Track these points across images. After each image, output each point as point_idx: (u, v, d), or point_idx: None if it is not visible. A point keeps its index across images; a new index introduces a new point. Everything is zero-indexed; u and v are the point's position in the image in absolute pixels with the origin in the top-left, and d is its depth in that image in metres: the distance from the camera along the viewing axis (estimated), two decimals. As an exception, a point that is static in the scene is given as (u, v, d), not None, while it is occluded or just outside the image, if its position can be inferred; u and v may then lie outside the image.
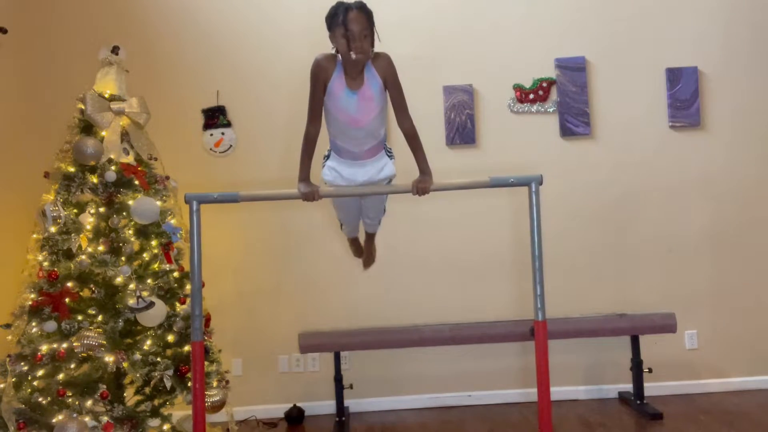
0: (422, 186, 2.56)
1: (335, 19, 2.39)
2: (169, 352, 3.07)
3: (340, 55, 2.44)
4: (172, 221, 3.23)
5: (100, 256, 3.00)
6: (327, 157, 2.70)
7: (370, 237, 3.15)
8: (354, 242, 3.22)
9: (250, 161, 4.15)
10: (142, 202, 3.10)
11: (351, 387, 3.97)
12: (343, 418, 3.89)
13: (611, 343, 4.12)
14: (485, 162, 4.13)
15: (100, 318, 3.00)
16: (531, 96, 4.19)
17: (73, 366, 2.92)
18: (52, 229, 2.97)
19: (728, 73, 4.21)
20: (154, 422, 3.00)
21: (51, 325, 2.87)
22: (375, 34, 2.42)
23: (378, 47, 2.48)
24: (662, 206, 4.19)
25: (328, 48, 2.51)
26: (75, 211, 3.06)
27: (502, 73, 4.19)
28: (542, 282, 2.57)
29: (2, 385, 2.82)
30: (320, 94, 2.49)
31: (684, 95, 4.17)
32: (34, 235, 3.05)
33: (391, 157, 2.72)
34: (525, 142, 4.17)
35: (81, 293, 3.01)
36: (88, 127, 3.14)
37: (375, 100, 2.48)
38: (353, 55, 2.35)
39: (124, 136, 3.23)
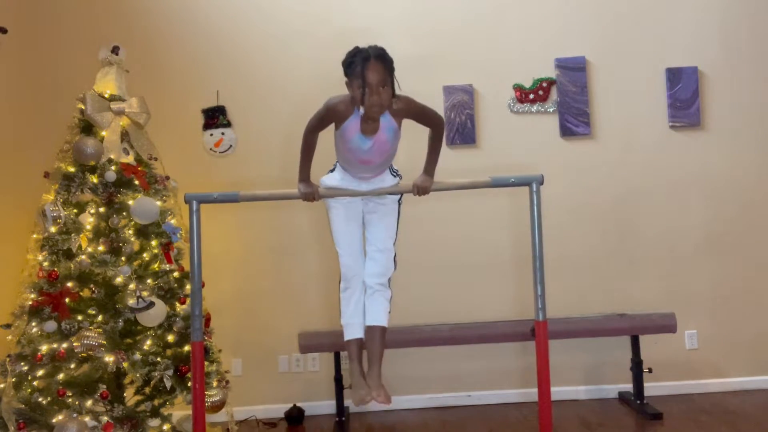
0: (423, 186, 2.55)
1: (352, 68, 2.27)
2: (169, 352, 3.07)
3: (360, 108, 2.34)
4: (172, 221, 3.23)
5: (100, 256, 3.00)
6: (332, 170, 2.66)
7: (380, 333, 2.57)
8: (356, 356, 2.62)
9: (250, 161, 4.15)
10: (142, 202, 3.10)
11: (351, 387, 3.96)
12: (343, 418, 3.89)
13: (611, 343, 4.12)
14: (485, 162, 4.13)
15: (100, 318, 3.00)
16: (531, 96, 4.19)
17: (73, 366, 2.92)
18: (52, 229, 2.98)
19: (728, 73, 4.21)
20: (154, 422, 3.00)
21: (51, 325, 2.88)
22: (395, 82, 2.30)
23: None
24: (662, 206, 4.19)
25: (328, 47, 2.51)
26: (75, 211, 3.07)
27: (502, 73, 4.19)
28: (543, 282, 2.57)
29: (2, 385, 2.82)
30: (327, 124, 2.45)
31: (684, 95, 4.17)
32: (34, 235, 3.05)
33: (395, 176, 2.67)
34: (525, 142, 4.17)
35: (81, 293, 3.01)
36: (88, 127, 3.14)
37: (389, 143, 2.45)
38: (370, 109, 2.28)
39: (124, 136, 3.23)
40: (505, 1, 4.22)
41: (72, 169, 3.06)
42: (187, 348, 3.06)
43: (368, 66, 2.21)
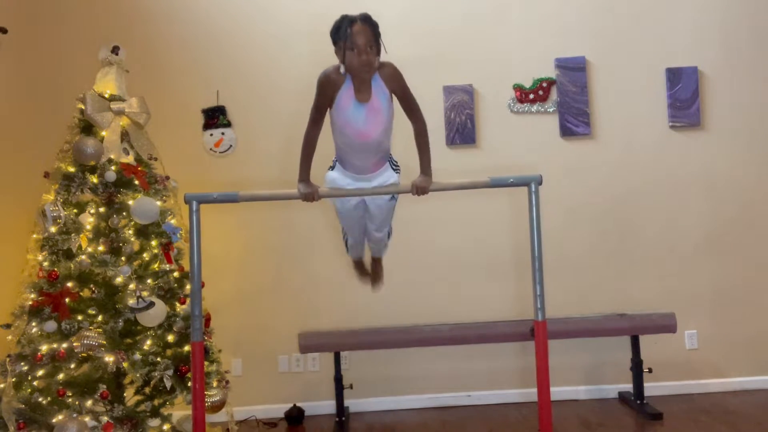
0: (422, 186, 2.55)
1: (339, 33, 2.35)
2: (169, 352, 3.08)
3: (348, 70, 2.39)
4: (172, 221, 3.23)
5: (100, 256, 3.00)
6: (332, 167, 2.66)
7: (377, 260, 3.11)
8: (358, 265, 3.16)
9: (250, 161, 4.15)
10: (142, 202, 3.10)
11: (351, 387, 3.98)
12: (343, 418, 3.89)
13: (611, 343, 4.12)
14: (485, 162, 4.13)
15: (100, 318, 3.00)
16: (531, 96, 4.19)
17: (73, 366, 2.92)
18: (52, 229, 2.98)
19: (728, 73, 4.21)
20: (154, 422, 3.00)
21: (51, 325, 2.88)
22: (381, 45, 2.39)
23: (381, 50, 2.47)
24: (662, 206, 4.19)
25: (328, 49, 2.50)
26: (75, 211, 3.07)
27: (502, 73, 4.19)
28: (542, 282, 2.57)
29: (2, 385, 2.82)
30: (325, 105, 2.47)
31: (684, 95, 4.17)
32: (34, 235, 3.05)
33: (396, 170, 2.67)
34: (525, 142, 4.17)
35: (81, 293, 3.01)
36: (88, 127, 3.14)
37: (383, 112, 2.45)
38: (360, 69, 2.33)
39: (124, 136, 3.23)
40: (505, 1, 4.22)
41: (72, 169, 3.06)
42: (187, 348, 3.06)
43: (354, 28, 2.31)
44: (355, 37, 2.31)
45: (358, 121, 2.42)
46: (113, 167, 3.08)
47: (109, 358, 2.88)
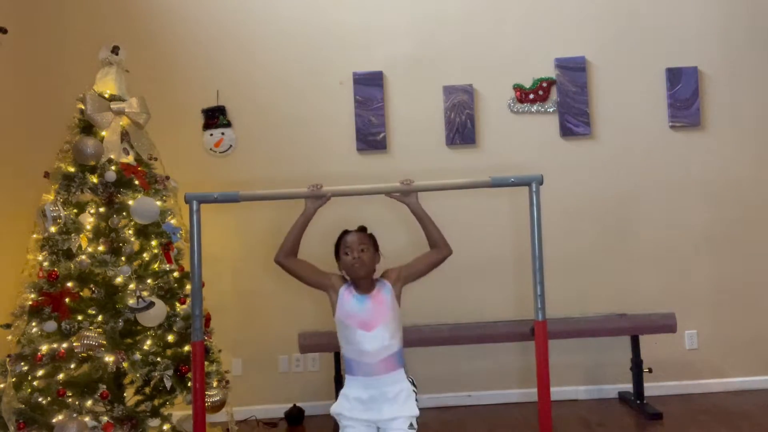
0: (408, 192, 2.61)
1: (338, 243, 2.48)
2: (169, 352, 3.07)
3: (346, 273, 2.45)
4: (172, 221, 3.23)
5: (100, 256, 3.00)
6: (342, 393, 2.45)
7: None
8: None
9: (250, 161, 4.15)
10: (142, 202, 3.10)
11: (351, 387, 3.97)
12: (343, 418, 3.89)
13: (611, 343, 4.12)
14: (485, 162, 4.13)
15: (100, 318, 2.99)
16: (531, 96, 4.19)
17: (73, 366, 2.92)
18: (52, 229, 2.97)
19: (728, 73, 4.21)
20: (154, 422, 3.00)
21: (51, 325, 2.87)
22: (378, 252, 2.49)
23: (379, 50, 2.45)
24: (662, 206, 4.19)
25: (327, 49, 2.50)
26: (75, 211, 3.06)
27: (502, 73, 4.19)
28: (542, 282, 2.57)
29: (2, 385, 2.82)
30: (317, 277, 2.53)
31: (684, 95, 4.17)
32: (34, 235, 3.05)
33: (414, 390, 2.50)
34: (525, 142, 4.17)
35: (81, 293, 3.01)
36: (88, 127, 3.14)
37: (387, 304, 2.41)
38: (352, 267, 2.38)
39: (124, 136, 3.23)
40: (505, 1, 4.22)
41: (72, 169, 3.05)
42: (187, 348, 3.06)
43: (347, 233, 2.47)
44: (347, 239, 2.44)
45: (360, 311, 2.38)
46: (113, 167, 3.08)
47: (109, 358, 2.87)
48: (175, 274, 3.20)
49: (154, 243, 3.18)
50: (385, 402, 2.38)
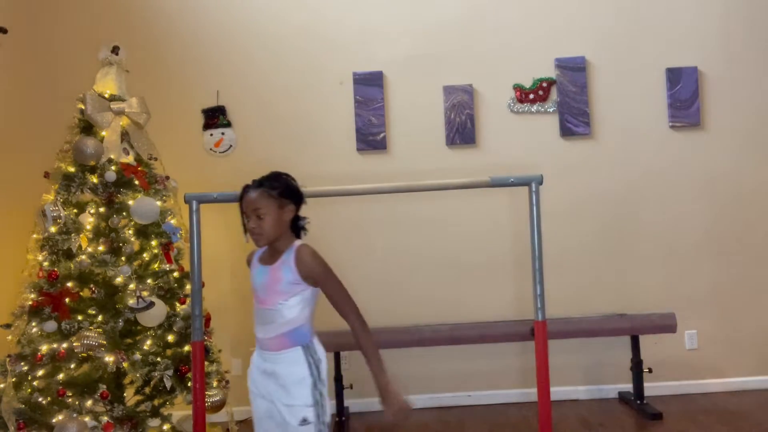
0: (396, 410, 2.07)
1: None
2: (169, 352, 3.08)
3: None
4: (172, 221, 3.23)
5: (100, 256, 3.00)
6: None
7: None
8: None
9: (250, 161, 4.15)
10: (142, 202, 3.10)
11: (351, 387, 3.97)
12: (343, 418, 3.89)
13: (611, 343, 4.12)
14: (485, 162, 4.13)
15: (100, 318, 3.00)
16: (531, 96, 4.19)
17: (73, 366, 2.92)
18: (52, 229, 2.98)
19: (728, 73, 4.21)
20: (154, 422, 3.01)
21: (51, 325, 2.88)
22: (290, 206, 2.20)
23: (379, 50, 2.44)
24: (662, 206, 4.19)
25: (329, 47, 2.50)
26: (75, 211, 3.07)
27: (502, 73, 4.19)
28: (542, 282, 2.58)
29: (2, 385, 2.82)
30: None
31: (684, 95, 4.17)
32: (34, 235, 3.06)
33: (312, 371, 2.11)
34: (525, 142, 4.17)
35: (81, 293, 3.01)
36: (88, 127, 3.14)
37: (281, 284, 2.10)
38: (251, 236, 2.13)
39: (124, 136, 3.23)
40: (505, 1, 4.22)
41: (72, 169, 3.06)
42: (187, 348, 3.06)
43: (244, 191, 2.20)
44: (243, 203, 2.20)
45: (257, 279, 2.18)
46: (113, 167, 3.08)
47: (109, 358, 2.87)
48: (175, 274, 3.20)
49: (154, 243, 3.18)
50: (276, 384, 2.11)
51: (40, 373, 2.87)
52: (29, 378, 2.86)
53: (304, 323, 2.13)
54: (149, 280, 3.10)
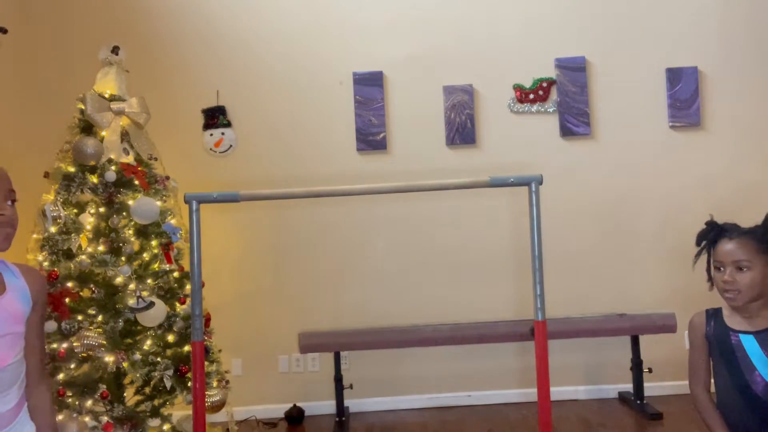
0: None
1: None
2: (169, 352, 3.07)
3: None
4: (172, 221, 3.23)
5: (100, 256, 3.00)
6: None
7: None
8: None
9: (250, 161, 4.15)
10: (142, 202, 3.10)
11: (351, 387, 3.98)
12: (343, 418, 3.90)
13: (611, 343, 4.12)
14: (485, 162, 4.13)
15: (100, 318, 3.00)
16: (531, 96, 4.19)
17: (73, 366, 2.92)
18: (52, 229, 2.97)
19: (728, 73, 4.21)
20: (154, 422, 3.00)
21: (51, 325, 2.87)
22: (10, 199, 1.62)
23: (379, 50, 2.44)
24: (662, 206, 4.19)
25: (329, 47, 2.50)
26: (75, 211, 3.06)
27: (502, 73, 4.19)
28: (542, 282, 2.57)
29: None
30: None
31: (684, 95, 4.17)
32: (34, 235, 3.05)
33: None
34: (525, 142, 4.17)
35: (81, 293, 3.01)
36: (88, 127, 3.14)
37: (21, 318, 1.53)
38: None
39: (124, 136, 3.23)
40: (504, 1, 4.22)
41: (72, 169, 3.06)
42: (187, 348, 3.06)
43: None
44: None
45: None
46: (113, 167, 3.08)
47: (109, 358, 2.87)
48: (175, 274, 3.20)
49: (154, 243, 3.18)
50: None
51: (40, 373, 2.87)
52: (29, 378, 2.86)
53: None
54: (149, 280, 3.10)
